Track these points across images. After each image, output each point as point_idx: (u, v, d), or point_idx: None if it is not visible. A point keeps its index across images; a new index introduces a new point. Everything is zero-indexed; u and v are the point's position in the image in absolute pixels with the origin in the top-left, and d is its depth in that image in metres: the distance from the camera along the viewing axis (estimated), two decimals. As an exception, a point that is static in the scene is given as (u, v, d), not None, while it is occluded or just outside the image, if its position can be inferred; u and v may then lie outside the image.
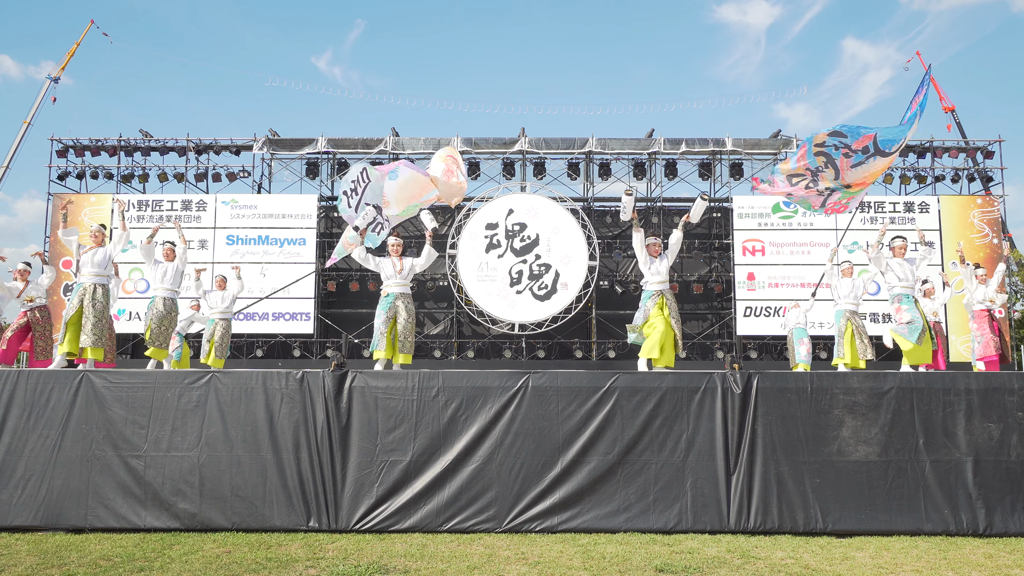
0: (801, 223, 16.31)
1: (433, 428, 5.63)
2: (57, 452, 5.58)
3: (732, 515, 5.48)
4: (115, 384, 5.71)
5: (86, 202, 16.99)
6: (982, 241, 15.97)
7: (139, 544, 5.05)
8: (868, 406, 5.66)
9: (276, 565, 4.57)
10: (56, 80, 18.83)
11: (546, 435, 5.62)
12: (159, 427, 5.63)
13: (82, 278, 7.21)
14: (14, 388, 5.71)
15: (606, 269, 17.45)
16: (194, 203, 16.74)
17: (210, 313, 10.03)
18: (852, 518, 5.48)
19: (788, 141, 17.50)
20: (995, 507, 5.50)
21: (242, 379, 5.73)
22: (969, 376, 5.85)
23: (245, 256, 16.34)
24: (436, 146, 17.18)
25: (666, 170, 17.58)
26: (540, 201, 16.85)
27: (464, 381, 5.74)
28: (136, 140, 17.56)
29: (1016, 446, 5.62)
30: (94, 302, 7.10)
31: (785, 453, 5.58)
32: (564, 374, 5.79)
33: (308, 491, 5.51)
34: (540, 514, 5.48)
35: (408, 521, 5.45)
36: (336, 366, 5.76)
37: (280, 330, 16.38)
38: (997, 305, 9.34)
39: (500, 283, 16.38)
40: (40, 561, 4.61)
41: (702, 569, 4.54)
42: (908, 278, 7.56)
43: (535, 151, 17.19)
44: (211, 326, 9.94)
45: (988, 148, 16.73)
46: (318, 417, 5.63)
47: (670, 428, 5.63)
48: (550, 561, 4.67)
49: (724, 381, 5.70)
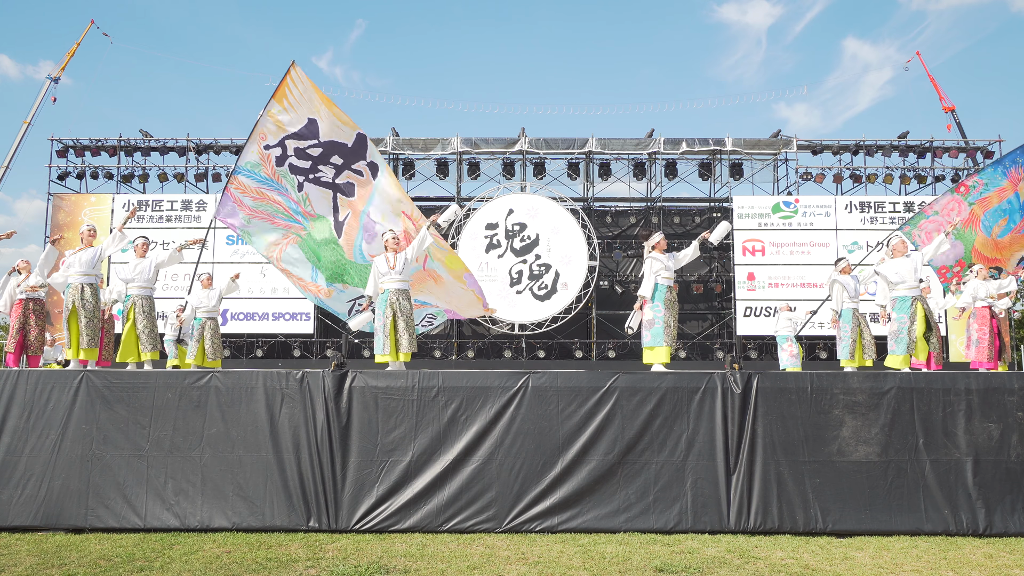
0: (801, 223, 16.32)
1: (433, 428, 5.63)
2: (57, 452, 5.58)
3: (732, 515, 5.48)
4: (115, 384, 5.71)
5: (86, 202, 16.99)
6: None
7: (139, 544, 5.05)
8: (868, 406, 5.66)
9: (276, 565, 4.57)
10: (56, 80, 18.83)
11: (546, 435, 5.62)
12: (160, 427, 5.63)
13: (71, 279, 7.19)
14: (14, 388, 5.71)
15: (606, 269, 17.46)
16: (194, 203, 16.73)
17: (198, 312, 9.88)
18: (852, 518, 5.48)
19: (788, 141, 17.51)
20: (995, 507, 5.50)
21: (242, 379, 5.73)
22: (969, 376, 5.84)
23: (245, 256, 16.33)
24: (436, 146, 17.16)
25: (666, 170, 17.59)
26: (540, 201, 16.84)
27: (464, 381, 5.74)
28: (136, 140, 17.57)
29: (1016, 446, 5.62)
30: (84, 302, 7.10)
31: (785, 453, 5.58)
32: (564, 374, 5.79)
33: (308, 491, 5.50)
34: (540, 514, 5.48)
35: (408, 521, 5.45)
36: (336, 366, 5.76)
37: (280, 330, 16.38)
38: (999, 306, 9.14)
39: (500, 283, 16.38)
40: (40, 561, 4.61)
41: (702, 569, 4.54)
42: (908, 279, 7.41)
43: (535, 151, 17.19)
44: (198, 325, 9.77)
45: (988, 148, 16.74)
46: (318, 417, 5.63)
47: (670, 428, 5.63)
48: (550, 561, 4.68)
49: (724, 381, 5.70)
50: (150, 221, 16.50)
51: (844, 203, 16.39)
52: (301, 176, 7.08)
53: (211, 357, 9.59)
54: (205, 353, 9.58)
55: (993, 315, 9.01)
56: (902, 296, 7.45)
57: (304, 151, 7.03)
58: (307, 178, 7.12)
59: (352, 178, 7.19)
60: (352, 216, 7.19)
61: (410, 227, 7.13)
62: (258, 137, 6.97)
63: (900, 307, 7.44)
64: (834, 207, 16.41)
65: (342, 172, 7.16)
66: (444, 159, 17.39)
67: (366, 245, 7.25)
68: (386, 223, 7.19)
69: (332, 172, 7.14)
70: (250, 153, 7.02)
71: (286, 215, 7.18)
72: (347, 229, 7.22)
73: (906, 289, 7.43)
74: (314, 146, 7.00)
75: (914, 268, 7.44)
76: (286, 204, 7.10)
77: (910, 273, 7.42)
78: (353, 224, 7.19)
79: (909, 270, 7.43)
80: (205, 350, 9.57)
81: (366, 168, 7.14)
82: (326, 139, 6.99)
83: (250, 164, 7.02)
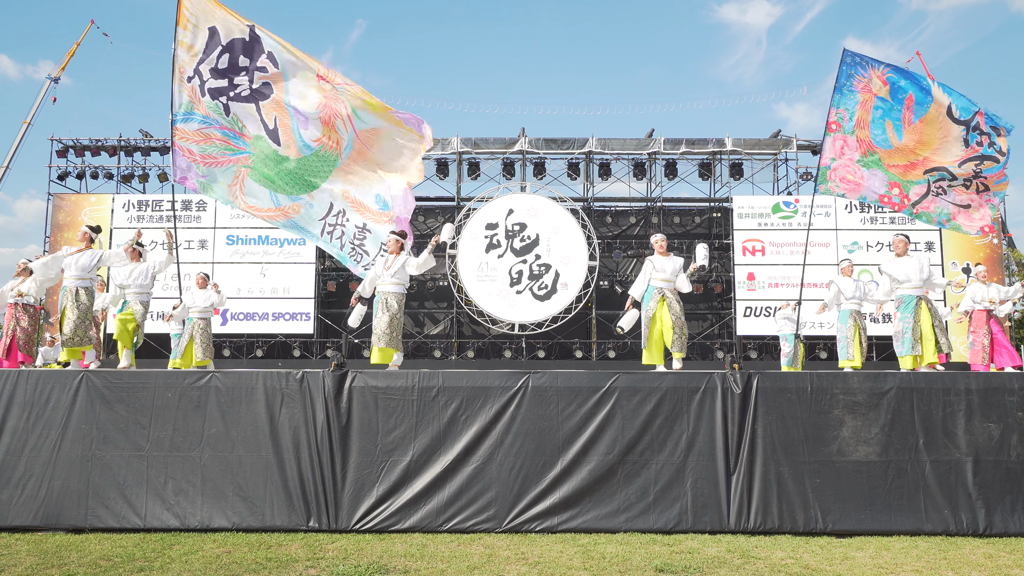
0: (801, 223, 16.32)
1: (433, 428, 5.63)
2: (57, 452, 5.58)
3: (732, 515, 5.48)
4: (115, 384, 5.71)
5: (86, 202, 16.99)
6: (982, 241, 15.96)
7: (139, 544, 5.05)
8: (868, 406, 5.66)
9: (276, 565, 4.57)
10: (56, 80, 18.83)
11: (546, 435, 5.62)
12: (160, 427, 5.63)
13: (65, 281, 7.18)
14: (14, 388, 5.71)
15: (606, 269, 17.46)
16: (194, 203, 16.73)
17: (190, 311, 9.85)
18: (852, 518, 5.47)
19: (788, 141, 17.52)
20: (995, 507, 5.50)
21: (242, 379, 5.73)
22: (969, 376, 5.84)
23: (245, 256, 16.35)
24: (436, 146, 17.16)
25: (666, 170, 17.59)
26: (540, 201, 16.85)
27: (464, 381, 5.74)
28: (136, 140, 17.57)
29: (1016, 446, 5.62)
30: (77, 304, 7.07)
31: (785, 453, 5.58)
32: (564, 374, 5.79)
33: (308, 491, 5.50)
34: (540, 514, 5.47)
35: (408, 521, 5.45)
36: (336, 366, 5.76)
37: (280, 330, 16.38)
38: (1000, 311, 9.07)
39: (500, 283, 16.38)
40: (40, 561, 4.61)
41: (702, 569, 4.54)
42: (912, 278, 7.35)
43: (535, 151, 17.20)
44: (189, 324, 9.70)
45: (988, 148, 16.70)
46: (318, 417, 5.63)
47: (670, 428, 5.63)
48: (550, 561, 4.67)
49: (724, 381, 5.70)
50: (150, 221, 16.49)
51: (844, 203, 16.38)
52: (223, 97, 6.79)
53: (200, 357, 9.58)
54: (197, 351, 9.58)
55: (991, 316, 8.99)
56: (907, 295, 7.38)
57: (216, 68, 6.75)
58: (228, 97, 6.81)
59: (263, 77, 6.85)
60: (280, 115, 6.86)
61: (328, 89, 6.80)
62: (179, 73, 6.69)
63: (905, 307, 7.37)
64: (834, 207, 16.41)
65: (253, 75, 6.83)
66: (444, 159, 17.40)
67: (304, 132, 6.94)
68: (309, 105, 6.85)
69: (246, 80, 6.82)
70: (180, 94, 6.74)
71: (231, 149, 6.91)
72: (282, 133, 6.90)
73: (911, 288, 7.37)
74: (221, 53, 6.70)
75: (919, 267, 7.39)
76: (224, 136, 6.83)
77: (915, 272, 7.37)
78: (285, 123, 6.87)
79: (915, 269, 7.38)
80: (198, 349, 9.58)
81: (268, 62, 6.81)
82: (227, 39, 6.69)
83: (184, 106, 6.76)
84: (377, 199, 7.09)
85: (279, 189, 7.04)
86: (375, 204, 7.13)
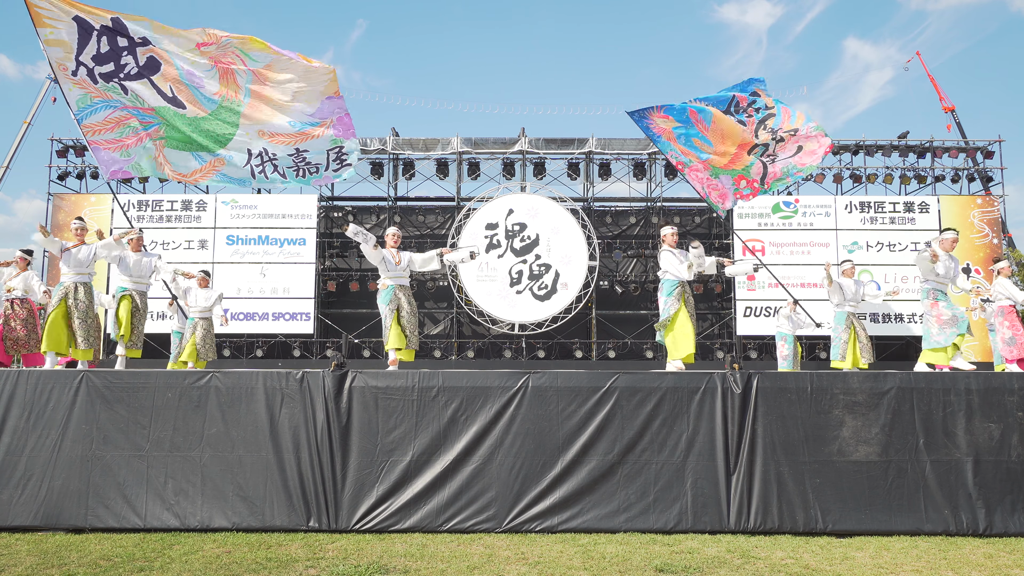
0: (801, 223, 16.31)
1: (433, 428, 5.63)
2: (57, 452, 5.58)
3: (732, 515, 5.48)
4: (115, 384, 5.71)
5: (86, 202, 16.99)
6: (982, 241, 15.97)
7: (139, 544, 5.05)
8: (868, 406, 5.66)
9: (276, 565, 4.57)
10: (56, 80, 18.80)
11: (546, 435, 5.62)
12: (160, 427, 5.63)
13: (63, 277, 7.08)
14: (14, 388, 5.71)
15: (606, 269, 17.46)
16: (194, 203, 16.73)
17: (191, 312, 9.78)
18: (852, 518, 5.48)
19: (788, 141, 17.47)
20: (995, 507, 5.50)
21: (242, 379, 5.73)
22: (969, 376, 5.85)
23: (245, 256, 16.34)
24: (436, 146, 17.18)
25: (666, 170, 17.57)
26: (540, 201, 16.85)
27: (464, 381, 5.74)
28: (136, 140, 17.53)
29: (1016, 446, 5.62)
30: (77, 302, 6.98)
31: (785, 453, 5.59)
32: (564, 374, 5.79)
33: (308, 491, 5.51)
34: (540, 514, 5.48)
35: (408, 521, 5.45)
36: (336, 366, 5.76)
37: (280, 330, 16.38)
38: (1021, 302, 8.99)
39: (500, 283, 16.38)
40: (40, 561, 4.61)
41: (702, 569, 4.54)
42: (950, 275, 7.31)
43: (535, 151, 17.19)
44: (190, 324, 9.71)
45: (988, 148, 16.72)
46: (318, 417, 5.63)
47: (670, 428, 5.63)
48: (550, 561, 4.67)
49: (724, 381, 5.70)
50: (150, 221, 16.49)
51: (844, 203, 16.36)
52: (115, 79, 6.68)
53: (201, 356, 9.58)
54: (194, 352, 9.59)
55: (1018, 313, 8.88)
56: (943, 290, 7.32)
57: (100, 53, 6.61)
58: (120, 78, 6.70)
59: (147, 51, 6.71)
60: (175, 83, 6.72)
61: (213, 50, 6.62)
62: (61, 72, 6.58)
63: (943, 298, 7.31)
64: (834, 207, 16.39)
65: (135, 51, 6.67)
66: (444, 159, 17.39)
67: (203, 89, 6.81)
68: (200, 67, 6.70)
69: (131, 59, 6.68)
70: (69, 92, 6.64)
71: (139, 125, 6.83)
72: (182, 97, 6.76)
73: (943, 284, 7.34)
74: (99, 37, 6.56)
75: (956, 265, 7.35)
76: (129, 115, 6.76)
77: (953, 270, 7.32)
78: (181, 88, 6.73)
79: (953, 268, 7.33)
80: (197, 349, 9.59)
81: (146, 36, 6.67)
82: (99, 25, 6.56)
83: (80, 100, 6.67)
84: (292, 124, 6.83)
85: (199, 148, 6.92)
86: (293, 127, 6.88)
